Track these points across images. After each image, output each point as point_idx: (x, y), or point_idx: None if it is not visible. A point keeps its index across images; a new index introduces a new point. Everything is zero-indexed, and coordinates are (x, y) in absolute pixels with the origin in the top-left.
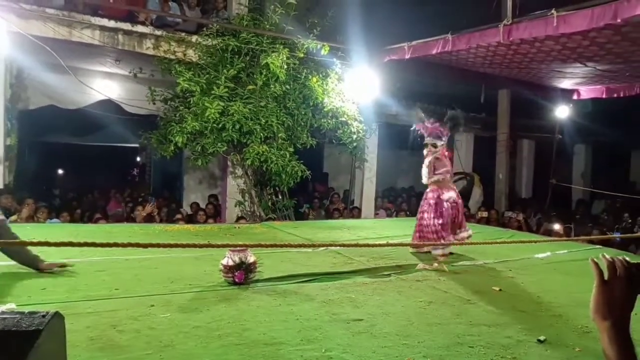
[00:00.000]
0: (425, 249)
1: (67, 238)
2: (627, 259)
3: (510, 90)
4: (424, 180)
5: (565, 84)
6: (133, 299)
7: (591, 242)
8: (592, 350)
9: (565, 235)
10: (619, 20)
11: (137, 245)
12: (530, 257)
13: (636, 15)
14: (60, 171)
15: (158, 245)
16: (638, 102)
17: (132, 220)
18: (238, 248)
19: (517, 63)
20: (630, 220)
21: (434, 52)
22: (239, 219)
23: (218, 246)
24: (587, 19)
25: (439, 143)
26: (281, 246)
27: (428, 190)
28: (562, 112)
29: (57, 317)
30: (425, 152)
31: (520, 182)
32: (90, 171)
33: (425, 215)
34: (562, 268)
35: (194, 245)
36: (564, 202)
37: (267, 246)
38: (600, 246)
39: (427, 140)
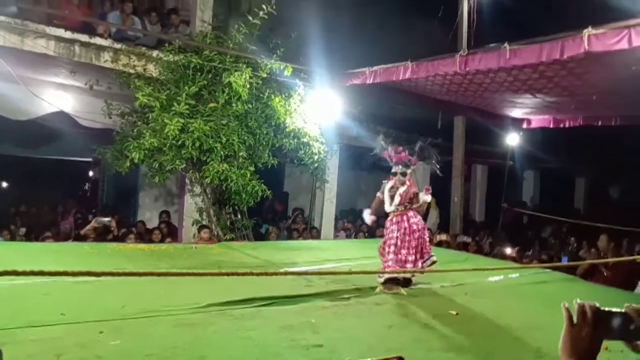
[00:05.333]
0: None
1: (13, 258)
2: (597, 304)
3: (465, 117)
4: (389, 208)
5: (516, 113)
6: (81, 325)
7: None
8: None
9: (517, 257)
10: (565, 57)
11: (110, 274)
12: (484, 280)
13: (580, 53)
14: (3, 184)
15: (137, 274)
16: (582, 132)
17: (79, 237)
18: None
19: (472, 92)
20: (575, 245)
21: (394, 78)
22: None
23: (191, 274)
24: (537, 54)
25: (408, 171)
26: (242, 275)
27: (393, 217)
28: (513, 139)
29: None
30: (392, 182)
31: (474, 205)
32: (37, 185)
33: (397, 242)
34: (515, 291)
35: (172, 274)
36: (515, 225)
37: (225, 274)
38: (550, 270)
39: (395, 169)
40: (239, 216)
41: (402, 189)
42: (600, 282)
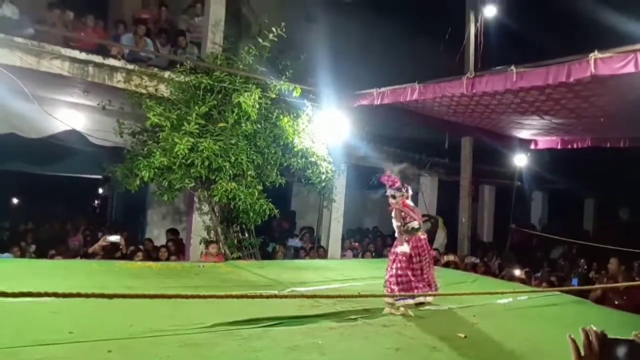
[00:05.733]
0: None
1: (23, 275)
2: (604, 332)
3: (472, 137)
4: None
5: (524, 134)
6: (88, 344)
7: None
8: None
9: (526, 279)
10: (571, 80)
11: (124, 296)
12: (492, 303)
13: (587, 76)
14: (14, 201)
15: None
16: (591, 153)
17: (87, 254)
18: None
19: (479, 113)
20: (585, 267)
21: (402, 99)
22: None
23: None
24: (544, 76)
25: (398, 194)
26: (251, 297)
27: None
28: (520, 160)
29: None
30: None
31: (481, 226)
32: (47, 202)
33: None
34: (524, 314)
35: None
36: (524, 246)
37: (234, 297)
38: (559, 292)
39: (388, 192)
40: (247, 235)
41: (393, 214)
42: (612, 307)
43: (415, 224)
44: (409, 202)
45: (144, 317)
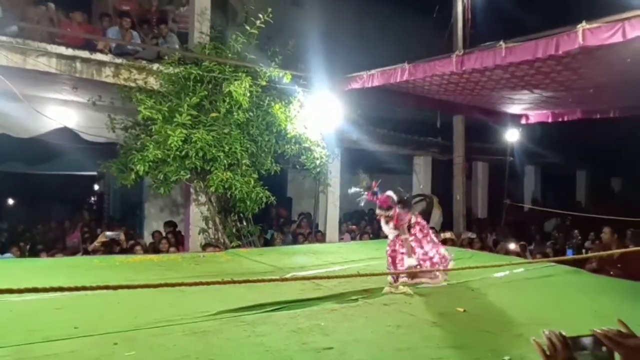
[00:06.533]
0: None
1: (24, 275)
2: (563, 333)
3: (464, 115)
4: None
5: (515, 109)
6: (94, 338)
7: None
8: None
9: (521, 252)
10: (560, 52)
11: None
12: (489, 277)
13: (575, 48)
14: (10, 202)
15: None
16: (580, 125)
17: (87, 252)
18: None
19: (470, 90)
20: (580, 237)
21: (392, 80)
22: (205, 245)
23: (207, 283)
24: (532, 50)
25: (391, 212)
26: (254, 281)
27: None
28: (512, 135)
29: None
30: (382, 221)
31: (476, 202)
32: (43, 201)
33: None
34: (520, 286)
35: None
36: (518, 221)
37: (238, 282)
38: (555, 263)
39: (379, 212)
40: (245, 223)
41: (388, 228)
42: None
43: (410, 261)
44: (397, 211)
45: (148, 308)
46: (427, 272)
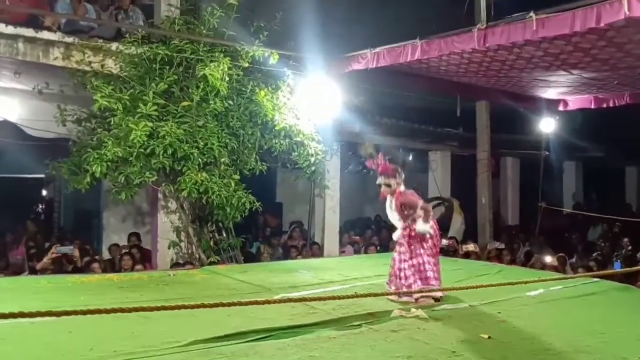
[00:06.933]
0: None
1: None
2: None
3: (489, 101)
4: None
5: (550, 93)
6: None
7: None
8: None
9: (559, 266)
10: (602, 25)
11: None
12: (521, 296)
13: (620, 20)
14: None
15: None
16: (629, 112)
17: (34, 270)
18: None
19: (496, 71)
20: (630, 247)
21: (402, 60)
22: (174, 265)
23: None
24: (569, 23)
25: (393, 182)
26: (234, 304)
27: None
28: (547, 125)
29: None
30: (387, 203)
31: (505, 206)
32: None
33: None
34: (557, 307)
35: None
36: (555, 228)
37: (207, 306)
38: (599, 279)
39: (380, 180)
40: (224, 234)
41: (392, 204)
42: None
43: (424, 226)
44: (402, 188)
45: (106, 338)
46: (437, 290)
